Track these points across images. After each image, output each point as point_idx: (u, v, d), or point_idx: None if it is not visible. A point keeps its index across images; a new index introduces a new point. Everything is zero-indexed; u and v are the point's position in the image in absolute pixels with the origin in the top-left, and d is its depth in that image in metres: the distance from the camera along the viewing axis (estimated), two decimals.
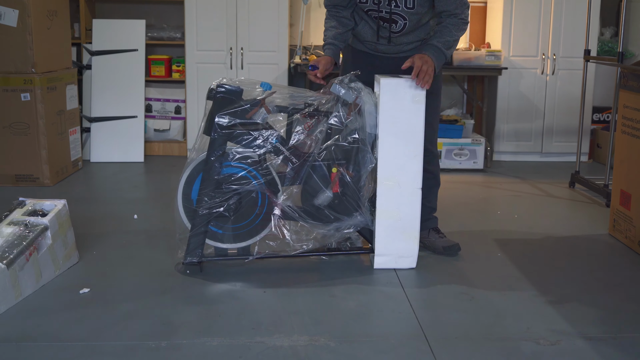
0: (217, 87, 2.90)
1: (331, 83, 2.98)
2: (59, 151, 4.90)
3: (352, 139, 2.97)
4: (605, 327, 2.54)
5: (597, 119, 6.16)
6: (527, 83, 5.78)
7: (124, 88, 5.72)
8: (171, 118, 5.99)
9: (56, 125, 4.86)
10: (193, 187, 2.98)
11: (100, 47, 5.71)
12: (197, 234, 2.96)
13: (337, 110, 2.95)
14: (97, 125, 5.68)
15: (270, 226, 3.01)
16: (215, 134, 2.90)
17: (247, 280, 2.97)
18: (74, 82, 5.18)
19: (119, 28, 5.74)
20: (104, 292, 2.82)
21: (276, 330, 2.46)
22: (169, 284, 2.91)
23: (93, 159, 5.65)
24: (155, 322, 2.52)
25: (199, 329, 2.47)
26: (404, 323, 2.54)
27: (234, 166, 2.95)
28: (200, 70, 5.75)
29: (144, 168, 5.51)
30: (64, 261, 3.03)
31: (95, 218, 3.91)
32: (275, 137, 2.95)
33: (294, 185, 3.02)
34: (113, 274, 3.04)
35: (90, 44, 5.74)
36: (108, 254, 3.31)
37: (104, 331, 2.44)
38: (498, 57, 5.48)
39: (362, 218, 3.03)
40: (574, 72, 5.76)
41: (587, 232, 3.81)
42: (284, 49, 5.73)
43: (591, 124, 5.96)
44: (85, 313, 2.60)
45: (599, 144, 5.97)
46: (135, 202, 4.37)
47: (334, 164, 2.99)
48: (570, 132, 5.77)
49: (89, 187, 4.90)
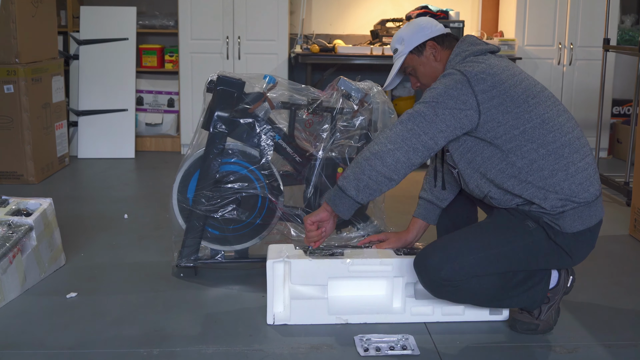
0: (218, 78, 2.90)
1: (338, 78, 2.97)
2: (44, 147, 4.90)
3: (360, 137, 2.97)
4: (626, 335, 2.53)
5: (617, 113, 6.15)
6: (542, 74, 5.77)
7: (114, 79, 5.71)
8: (164, 111, 5.99)
9: (41, 119, 4.86)
10: (189, 185, 2.98)
11: (88, 35, 5.70)
12: (193, 235, 2.96)
13: (345, 107, 2.95)
14: (85, 119, 5.68)
15: (271, 227, 3.01)
16: (215, 129, 2.90)
17: (245, 284, 2.96)
18: (60, 73, 5.17)
19: (108, 15, 5.74)
20: (92, 297, 2.81)
21: (274, 337, 2.46)
22: (161, 288, 2.91)
23: (81, 155, 5.65)
24: (147, 328, 2.52)
25: (194, 335, 2.47)
26: None
27: (233, 164, 2.95)
28: (194, 60, 5.74)
29: (134, 164, 5.50)
30: (49, 264, 3.02)
31: (83, 218, 3.91)
32: (278, 134, 2.95)
33: (297, 185, 3.01)
34: (102, 278, 3.04)
35: (78, 32, 5.74)
36: (97, 256, 3.30)
37: (93, 338, 2.44)
38: (512, 47, 5.47)
39: (376, 224, 3.03)
40: (592, 62, 5.76)
41: (606, 232, 3.79)
42: (283, 37, 5.72)
43: (611, 117, 5.95)
44: (72, 319, 2.60)
45: (619, 138, 5.97)
46: (125, 200, 4.36)
47: (340, 163, 2.98)
48: (588, 126, 5.76)
49: (77, 184, 4.90)
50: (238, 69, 5.67)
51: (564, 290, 2.51)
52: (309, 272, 2.53)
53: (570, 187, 2.33)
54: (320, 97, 2.98)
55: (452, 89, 2.34)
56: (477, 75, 2.34)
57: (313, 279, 2.53)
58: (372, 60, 5.46)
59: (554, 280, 2.49)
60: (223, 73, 2.92)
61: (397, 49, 2.65)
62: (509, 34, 5.76)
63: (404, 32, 2.63)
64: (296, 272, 2.53)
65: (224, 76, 2.90)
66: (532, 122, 2.35)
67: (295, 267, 2.52)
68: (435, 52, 2.58)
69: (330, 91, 2.98)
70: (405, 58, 2.62)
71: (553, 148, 2.35)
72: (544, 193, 2.33)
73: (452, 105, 2.33)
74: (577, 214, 2.34)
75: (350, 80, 2.97)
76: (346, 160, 2.98)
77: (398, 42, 2.65)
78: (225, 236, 3.01)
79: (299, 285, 2.55)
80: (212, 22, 5.68)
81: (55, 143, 5.09)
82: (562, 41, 5.76)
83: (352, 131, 2.98)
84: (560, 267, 2.50)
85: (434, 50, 2.58)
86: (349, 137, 2.98)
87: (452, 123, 2.34)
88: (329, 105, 2.97)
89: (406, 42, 2.61)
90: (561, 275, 2.50)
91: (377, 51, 5.43)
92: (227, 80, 2.90)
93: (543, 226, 2.37)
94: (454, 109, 2.33)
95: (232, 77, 2.91)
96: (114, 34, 5.72)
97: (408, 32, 2.62)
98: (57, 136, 5.11)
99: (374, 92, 2.98)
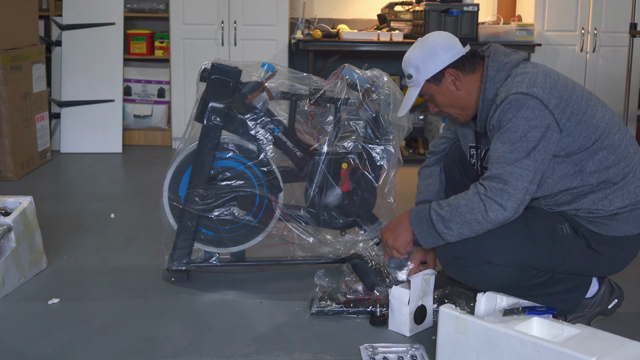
0: (212, 67, 2.90)
1: (343, 66, 2.96)
2: (24, 140, 4.89)
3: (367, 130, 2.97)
4: None
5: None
6: (563, 61, 5.75)
7: (99, 68, 5.70)
8: (153, 102, 5.99)
9: (21, 111, 4.85)
10: (181, 182, 2.97)
11: (71, 20, 5.69)
12: (185, 237, 2.95)
13: (350, 98, 2.94)
14: (68, 110, 5.68)
15: (269, 228, 3.00)
16: (209, 121, 2.89)
17: (241, 289, 2.96)
18: (41, 61, 5.17)
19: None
20: (76, 303, 2.81)
21: (275, 346, 2.45)
22: (151, 294, 2.91)
23: (63, 150, 5.65)
24: (135, 337, 2.52)
25: (186, 345, 2.46)
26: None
27: (229, 159, 2.95)
28: (187, 47, 5.74)
29: (122, 160, 5.50)
30: (30, 267, 3.02)
31: (66, 218, 3.91)
32: (277, 127, 2.94)
33: (298, 182, 3.01)
34: (86, 282, 3.04)
35: (60, 16, 5.73)
36: (81, 259, 3.30)
37: (76, 347, 2.43)
38: (530, 32, 5.45)
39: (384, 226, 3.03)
40: (617, 49, 5.74)
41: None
42: (283, 22, 5.71)
43: (638, 108, 5.93)
44: (54, 326, 2.59)
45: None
46: (112, 199, 4.36)
47: (344, 158, 2.97)
48: None
49: (59, 181, 4.90)
50: (234, 57, 5.67)
51: (601, 309, 2.50)
52: None
53: (636, 190, 2.38)
54: (324, 87, 2.97)
55: (532, 120, 2.32)
56: (544, 92, 2.34)
57: None
58: (379, 47, 5.44)
59: (592, 290, 2.48)
60: (218, 61, 2.91)
61: (410, 75, 2.55)
62: (528, 19, 5.74)
63: (418, 58, 2.52)
64: None
65: (219, 64, 2.89)
66: (600, 128, 2.38)
67: None
68: (455, 79, 2.51)
69: (334, 80, 2.97)
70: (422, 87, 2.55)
71: (620, 151, 2.39)
72: (610, 200, 2.36)
73: (542, 138, 2.31)
74: (633, 216, 2.38)
75: (355, 68, 2.96)
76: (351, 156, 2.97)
77: (412, 70, 2.55)
78: (220, 238, 3.00)
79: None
80: (206, 5, 5.68)
81: (36, 137, 5.08)
82: (585, 26, 5.74)
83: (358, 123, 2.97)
84: (594, 275, 2.50)
85: (454, 78, 2.51)
86: (354, 130, 2.97)
87: (548, 158, 2.35)
88: (332, 96, 2.96)
89: (421, 69, 2.51)
90: (602, 288, 2.49)
91: (385, 37, 5.41)
92: (222, 68, 2.89)
93: (583, 233, 2.38)
94: (546, 140, 2.32)
95: (227, 65, 2.90)
96: (99, 18, 5.70)
97: (422, 57, 2.52)
98: (38, 129, 5.10)
99: (381, 81, 2.97)
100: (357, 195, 3.02)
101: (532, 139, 2.31)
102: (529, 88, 2.35)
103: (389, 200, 3.03)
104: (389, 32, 5.47)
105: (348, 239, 3.04)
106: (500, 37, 5.36)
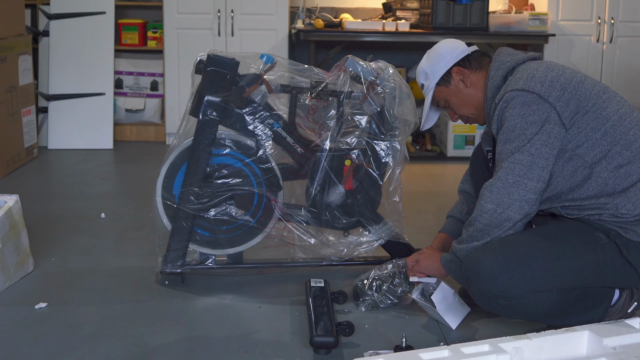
0: (208, 58, 2.89)
1: (346, 58, 2.96)
2: (9, 136, 4.90)
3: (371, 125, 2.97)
4: None
5: None
6: (579, 53, 5.76)
7: (89, 59, 5.71)
8: (146, 96, 5.99)
9: (6, 105, 4.85)
10: (176, 180, 2.97)
11: (59, 9, 5.70)
12: (180, 238, 2.96)
13: (354, 91, 2.94)
14: (56, 104, 5.68)
15: (269, 228, 3.01)
16: (205, 116, 2.89)
17: (238, 293, 2.96)
18: (27, 52, 5.17)
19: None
20: (64, 308, 2.81)
21: (274, 353, 2.46)
22: (144, 298, 2.91)
23: (51, 146, 5.65)
24: (126, 343, 2.52)
25: (180, 352, 2.46)
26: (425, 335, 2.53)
27: (226, 155, 2.95)
28: (181, 37, 5.74)
29: (113, 156, 5.51)
30: (15, 270, 3.02)
31: (54, 217, 3.92)
32: (277, 121, 2.94)
33: (298, 180, 3.01)
34: (75, 286, 3.04)
35: (48, 5, 5.73)
36: (70, 261, 3.30)
37: (64, 354, 2.43)
38: (544, 22, 5.45)
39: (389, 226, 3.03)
40: (636, 39, 5.75)
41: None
42: (283, 11, 5.71)
43: None
44: (41, 332, 2.59)
45: None
46: (102, 197, 4.37)
47: (347, 155, 2.97)
48: None
49: (47, 179, 4.90)
50: (231, 47, 5.67)
51: (622, 315, 2.49)
52: None
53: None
54: (326, 80, 2.97)
55: (529, 115, 2.36)
56: (542, 85, 2.37)
57: None
58: (385, 37, 5.44)
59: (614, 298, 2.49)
60: (214, 52, 2.92)
61: (423, 85, 2.71)
62: (541, 7, 5.73)
63: (426, 65, 2.70)
64: None
65: (215, 55, 2.90)
66: (611, 120, 2.38)
67: None
68: (463, 77, 2.63)
69: (337, 72, 2.98)
70: (433, 92, 2.66)
71: (636, 147, 2.38)
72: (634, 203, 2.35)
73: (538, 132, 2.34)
74: None
75: (359, 60, 2.96)
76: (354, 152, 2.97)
77: (422, 78, 2.72)
78: (217, 239, 3.01)
79: None
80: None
81: (22, 132, 5.09)
82: (601, 15, 5.73)
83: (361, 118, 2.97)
84: (625, 286, 2.50)
85: (462, 76, 2.62)
86: (357, 126, 2.97)
87: (549, 152, 2.36)
88: (335, 89, 2.96)
89: (430, 75, 2.67)
90: (623, 294, 2.49)
91: (390, 27, 5.40)
92: (218, 60, 2.89)
93: (614, 240, 2.36)
94: (543, 134, 2.34)
95: (224, 56, 2.90)
96: (89, 7, 5.71)
97: (429, 63, 2.69)
98: (24, 124, 5.11)
99: (387, 74, 2.97)
100: (360, 194, 3.02)
101: (530, 135, 2.35)
102: (526, 83, 2.40)
103: (395, 199, 3.04)
104: (394, 21, 5.47)
105: (351, 240, 3.05)
106: (511, 26, 5.34)
